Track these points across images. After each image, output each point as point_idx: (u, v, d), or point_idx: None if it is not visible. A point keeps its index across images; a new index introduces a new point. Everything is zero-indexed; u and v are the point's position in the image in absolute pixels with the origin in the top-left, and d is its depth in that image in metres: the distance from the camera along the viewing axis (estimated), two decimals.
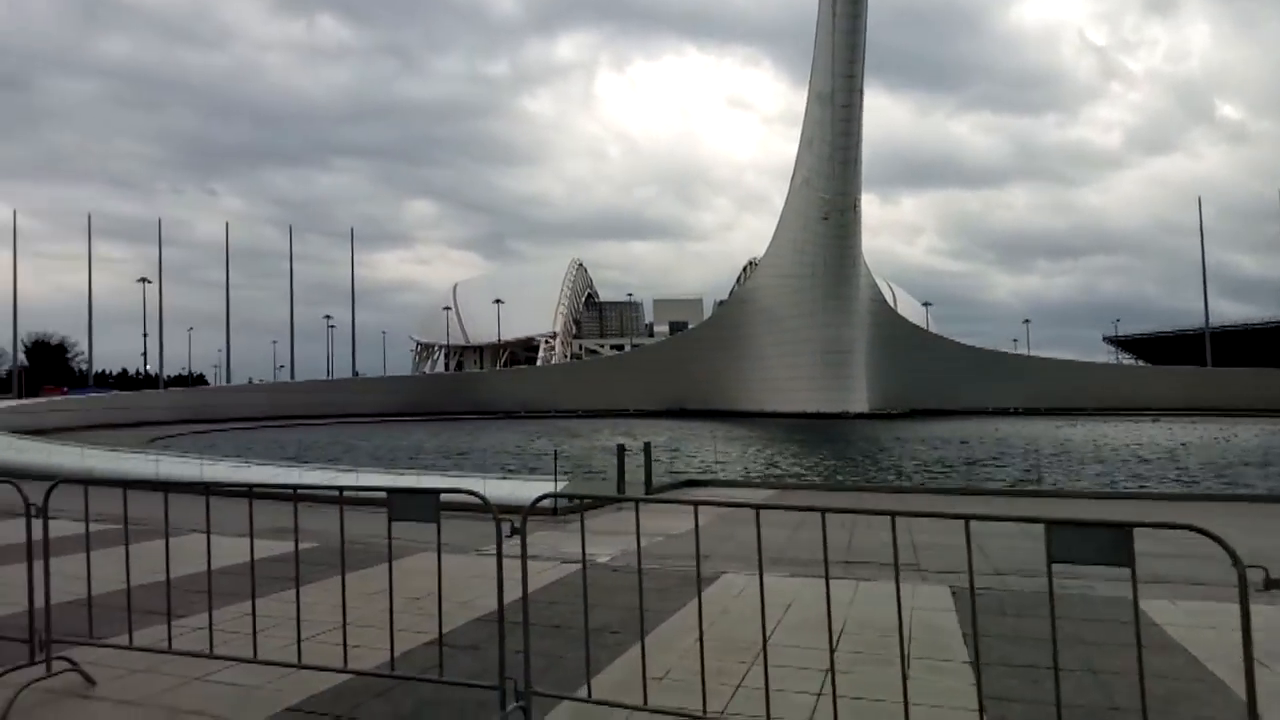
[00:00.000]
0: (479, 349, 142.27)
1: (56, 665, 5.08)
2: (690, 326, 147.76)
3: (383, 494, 4.83)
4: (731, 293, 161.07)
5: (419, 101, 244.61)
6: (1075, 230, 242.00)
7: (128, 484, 6.22)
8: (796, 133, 77.61)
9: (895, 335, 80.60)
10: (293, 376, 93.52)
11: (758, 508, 4.77)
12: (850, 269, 72.25)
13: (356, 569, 6.26)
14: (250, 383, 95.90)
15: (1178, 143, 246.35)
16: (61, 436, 30.83)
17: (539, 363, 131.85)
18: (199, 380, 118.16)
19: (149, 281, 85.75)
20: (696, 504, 5.23)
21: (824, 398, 71.16)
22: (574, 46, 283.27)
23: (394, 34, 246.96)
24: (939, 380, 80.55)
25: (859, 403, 72.24)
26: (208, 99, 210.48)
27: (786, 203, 78.87)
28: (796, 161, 76.32)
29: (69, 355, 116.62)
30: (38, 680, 4.96)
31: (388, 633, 5.19)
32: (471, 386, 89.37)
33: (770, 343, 78.81)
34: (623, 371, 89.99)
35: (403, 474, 15.87)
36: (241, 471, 16.87)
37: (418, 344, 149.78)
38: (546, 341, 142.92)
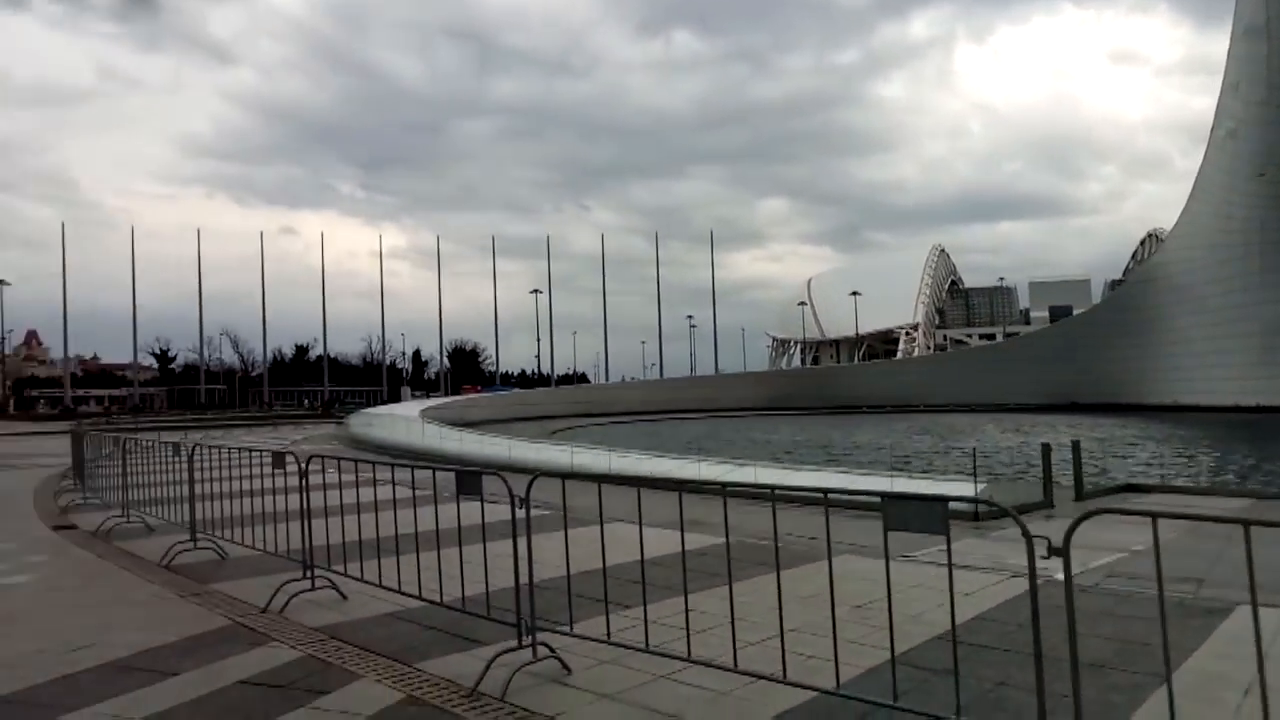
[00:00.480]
0: (835, 343, 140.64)
1: (540, 651, 5.29)
2: (1075, 311, 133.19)
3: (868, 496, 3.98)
4: (1128, 270, 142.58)
5: (769, 101, 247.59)
6: None
7: (600, 479, 6.17)
8: (1199, 83, 66.87)
9: None
10: (661, 374, 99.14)
11: (1247, 523, 3.30)
12: None
13: (785, 567, 5.64)
14: (623, 380, 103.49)
15: None
16: (483, 428, 35.09)
17: (899, 355, 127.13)
18: (581, 378, 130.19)
19: (540, 292, 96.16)
20: (1155, 515, 3.72)
21: (1262, 387, 59.48)
22: (928, 23, 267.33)
23: (744, 39, 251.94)
24: None
25: None
26: (580, 124, 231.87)
27: (1206, 160, 67.00)
28: (1218, 111, 64.58)
29: (480, 358, 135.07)
30: (527, 665, 5.19)
31: (831, 642, 4.45)
32: (834, 380, 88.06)
33: (1186, 325, 67.61)
34: (999, 362, 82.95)
35: (842, 472, 15.24)
36: (665, 465, 17.38)
37: (774, 340, 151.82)
38: (907, 333, 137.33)
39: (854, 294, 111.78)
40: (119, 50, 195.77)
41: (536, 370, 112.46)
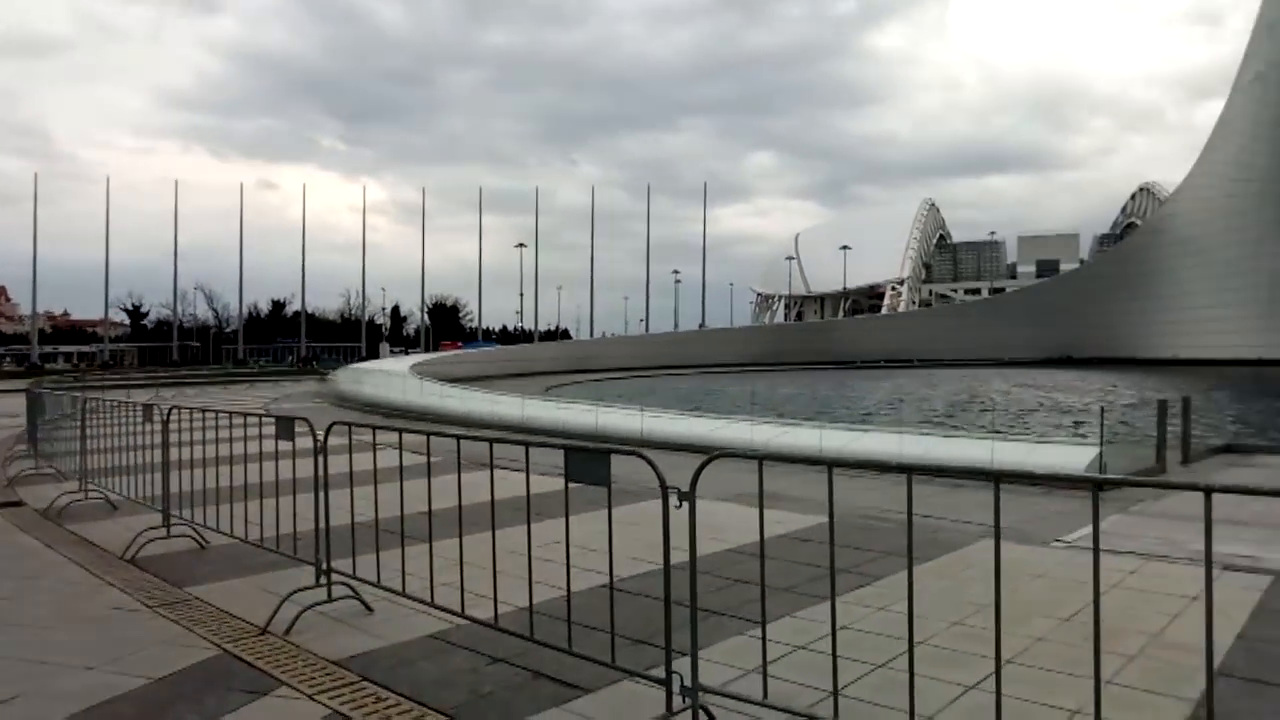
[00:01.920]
0: (820, 298, 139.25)
1: (337, 590, 5.18)
2: (1063, 264, 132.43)
3: None
4: (1116, 224, 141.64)
5: (763, 50, 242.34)
6: None
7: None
8: (1202, 33, 64.11)
9: None
10: (647, 329, 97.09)
11: None
12: None
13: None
14: (603, 335, 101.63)
15: None
16: (472, 384, 33.10)
17: (884, 310, 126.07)
18: (564, 334, 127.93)
19: (525, 246, 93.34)
20: None
21: (1266, 341, 58.53)
22: None
23: None
24: None
25: None
26: (569, 74, 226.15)
27: (1228, 107, 65.09)
28: (1247, 54, 62.29)
29: (460, 314, 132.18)
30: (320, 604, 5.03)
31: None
32: (828, 336, 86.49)
33: (1192, 278, 66.38)
34: (996, 316, 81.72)
35: (944, 436, 13.50)
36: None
37: (758, 295, 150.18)
38: (893, 288, 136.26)
39: (844, 248, 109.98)
40: None
41: (519, 326, 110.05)
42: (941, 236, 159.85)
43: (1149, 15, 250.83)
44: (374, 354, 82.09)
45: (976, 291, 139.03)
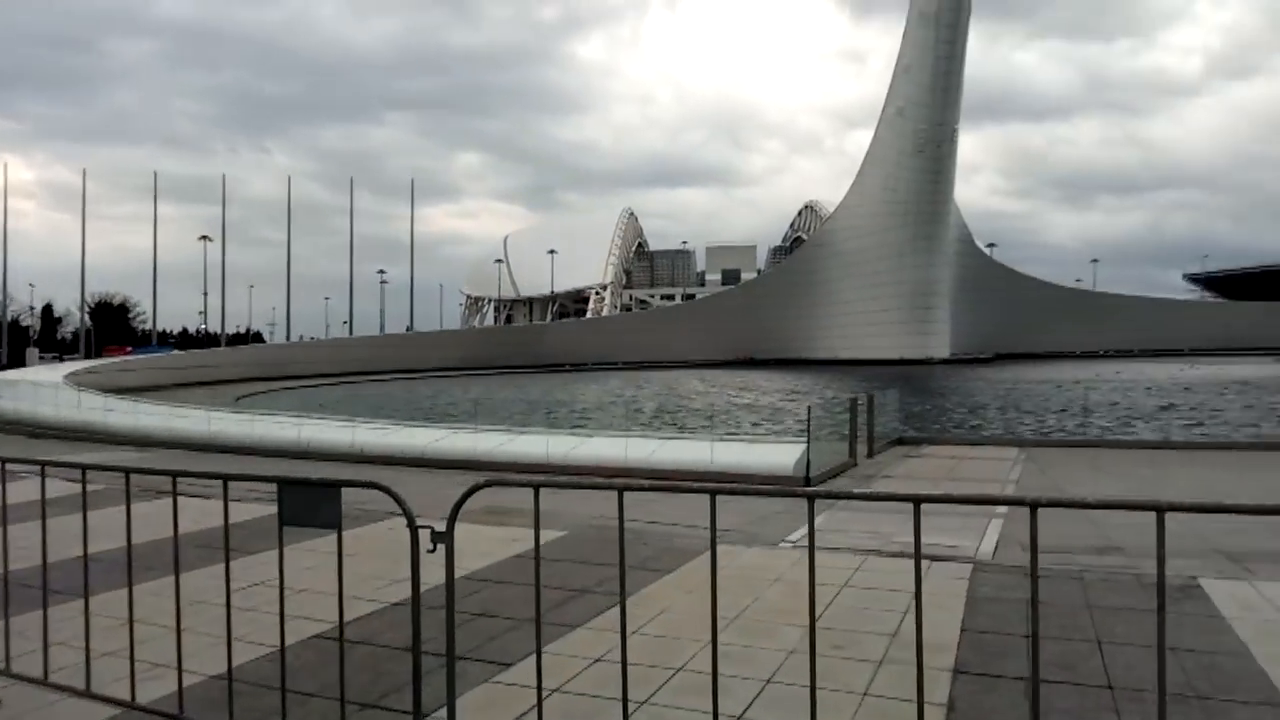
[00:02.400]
0: (529, 301, 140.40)
1: None
2: (743, 274, 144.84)
3: None
4: (786, 238, 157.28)
5: (469, 49, 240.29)
6: (1143, 165, 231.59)
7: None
8: (855, 70, 73.79)
9: (981, 276, 76.65)
10: (351, 332, 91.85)
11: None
12: (942, 206, 68.35)
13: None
14: (301, 339, 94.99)
15: (1263, 66, 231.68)
16: (145, 396, 28.98)
17: (589, 314, 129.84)
18: (256, 337, 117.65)
19: (210, 239, 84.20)
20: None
21: (906, 343, 67.87)
22: None
23: None
24: (1025, 323, 76.66)
25: (941, 348, 68.90)
26: (261, 55, 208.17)
27: (876, 136, 74.34)
28: (890, 91, 71.58)
29: (130, 315, 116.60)
30: None
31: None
32: (537, 339, 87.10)
33: (849, 287, 75.23)
34: (691, 321, 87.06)
35: (663, 438, 13.37)
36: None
37: (467, 297, 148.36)
38: (597, 293, 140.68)
39: (552, 252, 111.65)
40: None
41: (203, 329, 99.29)
42: (640, 244, 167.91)
43: (808, 51, 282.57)
44: (19, 362, 69.54)
45: (671, 297, 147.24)
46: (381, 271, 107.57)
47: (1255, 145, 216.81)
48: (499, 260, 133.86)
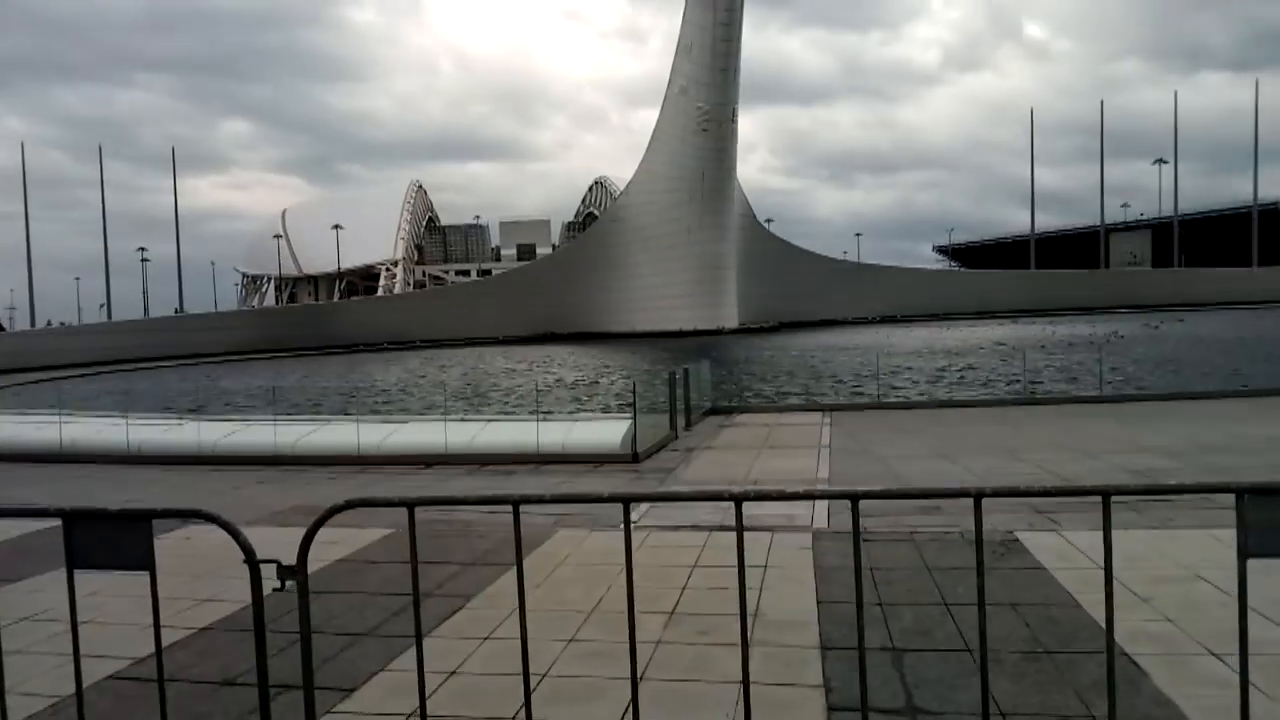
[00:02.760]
0: (313, 279, 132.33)
1: None
2: (538, 249, 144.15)
3: None
4: (578, 213, 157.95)
5: (229, 9, 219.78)
6: (895, 147, 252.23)
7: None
8: (635, 49, 75.00)
9: (764, 250, 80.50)
10: (109, 316, 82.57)
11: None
12: (727, 182, 70.91)
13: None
14: (50, 325, 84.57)
15: (988, 60, 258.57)
16: None
17: (380, 292, 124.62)
18: None
19: None
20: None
21: (699, 315, 70.28)
22: None
23: None
24: (803, 293, 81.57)
25: (731, 319, 71.95)
26: None
27: (661, 114, 75.75)
28: (673, 70, 73.12)
29: None
30: None
31: None
32: (329, 319, 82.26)
33: (644, 261, 76.76)
34: (490, 297, 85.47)
35: (486, 419, 12.59)
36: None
37: (244, 276, 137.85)
38: (388, 269, 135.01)
39: (337, 227, 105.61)
40: None
41: None
42: (431, 219, 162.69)
43: (590, 28, 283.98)
44: None
45: (466, 273, 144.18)
46: (142, 249, 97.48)
47: (984, 130, 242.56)
48: (278, 236, 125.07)
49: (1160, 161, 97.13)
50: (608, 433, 11.49)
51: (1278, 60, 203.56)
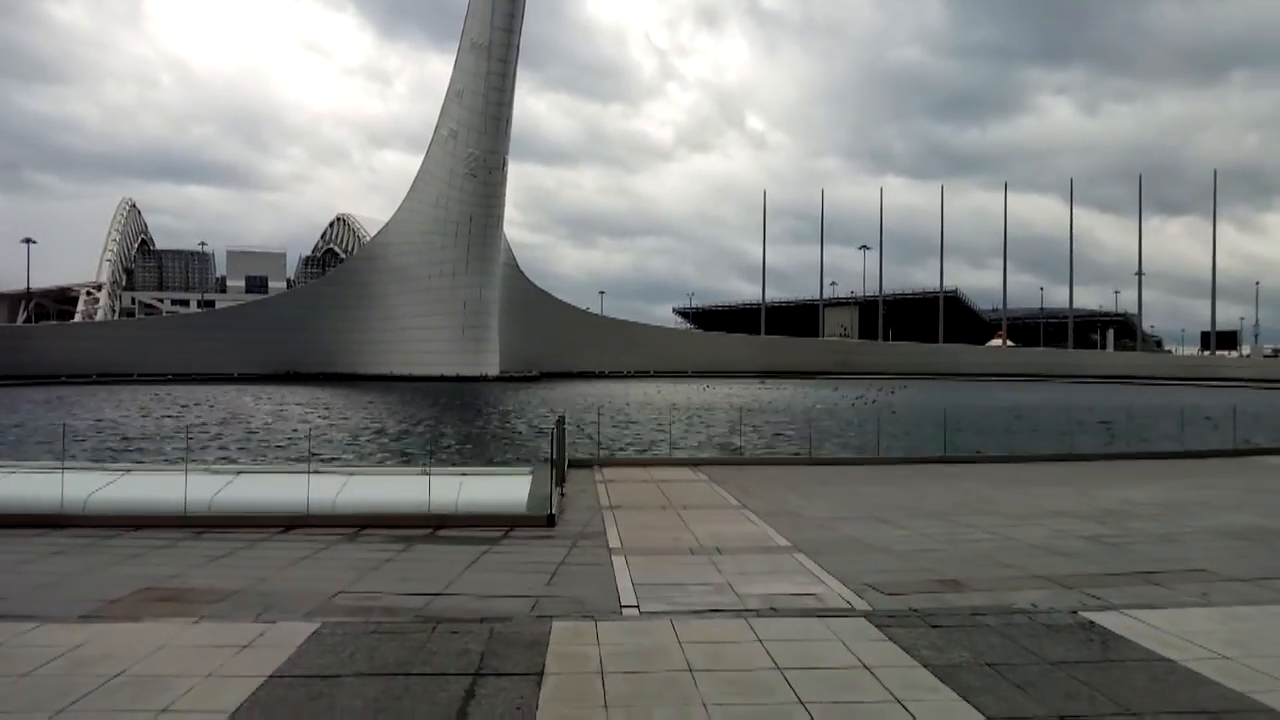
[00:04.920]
0: None
1: None
2: (271, 282, 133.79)
3: None
4: (317, 247, 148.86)
5: None
6: (632, 212, 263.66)
7: None
8: (381, 89, 72.98)
9: (524, 299, 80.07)
10: None
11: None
12: (494, 229, 70.01)
13: None
14: None
15: (715, 144, 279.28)
16: None
17: (78, 317, 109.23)
18: None
19: None
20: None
21: (462, 360, 68.15)
22: None
23: None
24: (560, 344, 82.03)
25: (493, 365, 70.52)
26: None
27: (428, 155, 73.47)
28: (442, 113, 71.53)
29: None
30: None
31: None
32: (18, 344, 69.63)
33: (402, 303, 73.45)
34: (221, 330, 77.19)
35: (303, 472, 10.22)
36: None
37: None
38: (89, 293, 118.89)
39: (28, 241, 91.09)
40: None
41: None
42: (144, 241, 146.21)
43: (332, 62, 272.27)
44: None
45: (185, 303, 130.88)
46: None
47: (711, 204, 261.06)
48: None
49: (864, 248, 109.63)
50: (510, 490, 10.06)
51: (944, 172, 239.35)
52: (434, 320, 70.65)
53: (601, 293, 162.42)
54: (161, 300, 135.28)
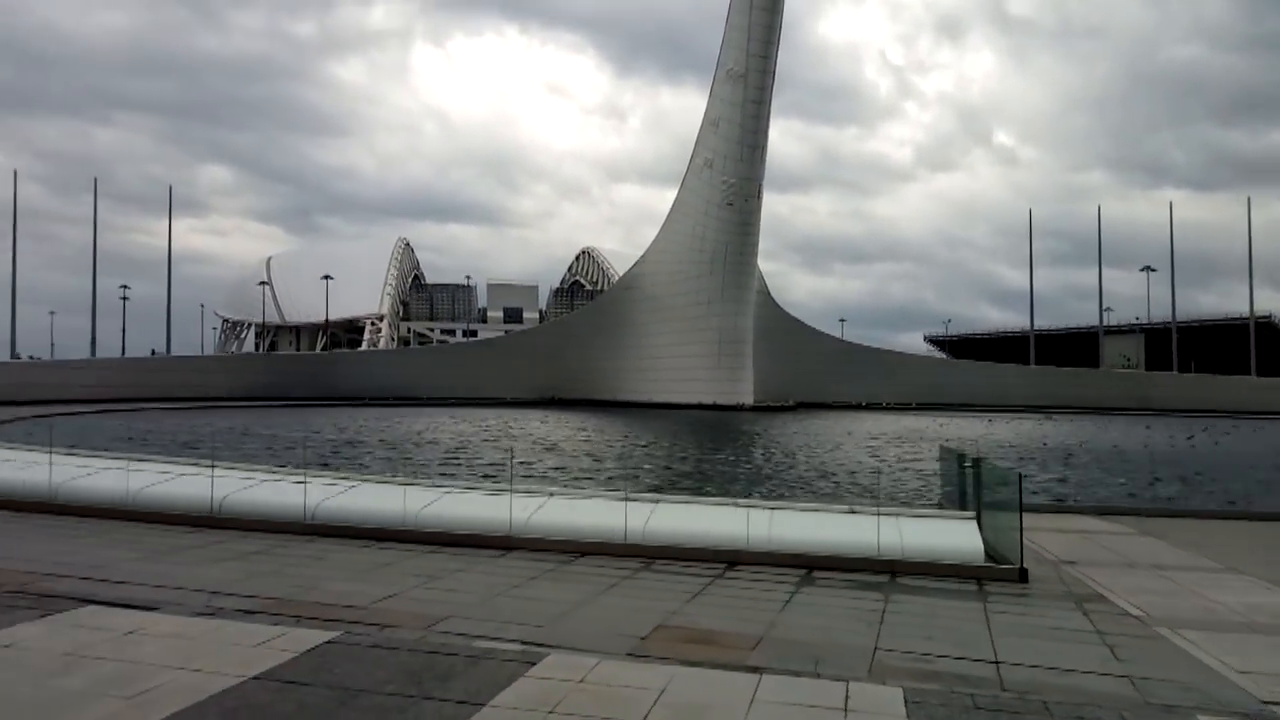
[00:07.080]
0: (295, 329, 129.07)
1: None
2: (525, 313, 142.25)
3: None
4: (564, 280, 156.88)
5: (215, 57, 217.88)
6: (869, 236, 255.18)
7: None
8: (617, 125, 74.34)
9: (778, 328, 79.18)
10: (94, 353, 78.31)
11: None
12: (750, 257, 69.86)
13: None
14: (31, 360, 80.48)
15: (960, 162, 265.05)
16: None
17: (365, 345, 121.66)
18: None
19: None
20: None
21: (717, 389, 68.26)
22: (388, 13, 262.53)
23: None
24: (812, 374, 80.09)
25: (748, 395, 70.04)
26: None
27: (684, 186, 74.91)
28: (697, 142, 72.69)
29: None
30: None
31: None
32: (333, 369, 78.99)
33: (660, 332, 74.89)
34: (497, 357, 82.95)
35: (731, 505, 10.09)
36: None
37: (224, 321, 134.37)
38: (373, 323, 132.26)
39: (326, 278, 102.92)
40: None
41: None
42: (416, 276, 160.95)
43: (572, 103, 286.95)
44: None
45: (452, 332, 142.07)
46: (125, 287, 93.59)
47: (954, 227, 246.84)
48: (263, 283, 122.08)
49: (1148, 269, 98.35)
50: (955, 536, 9.09)
51: (1234, 182, 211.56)
52: (690, 349, 71.43)
53: (842, 320, 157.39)
54: (432, 330, 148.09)
